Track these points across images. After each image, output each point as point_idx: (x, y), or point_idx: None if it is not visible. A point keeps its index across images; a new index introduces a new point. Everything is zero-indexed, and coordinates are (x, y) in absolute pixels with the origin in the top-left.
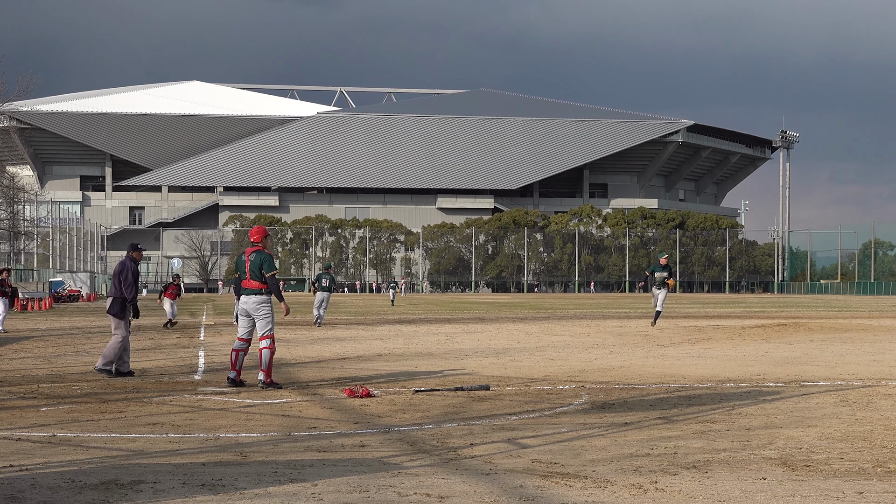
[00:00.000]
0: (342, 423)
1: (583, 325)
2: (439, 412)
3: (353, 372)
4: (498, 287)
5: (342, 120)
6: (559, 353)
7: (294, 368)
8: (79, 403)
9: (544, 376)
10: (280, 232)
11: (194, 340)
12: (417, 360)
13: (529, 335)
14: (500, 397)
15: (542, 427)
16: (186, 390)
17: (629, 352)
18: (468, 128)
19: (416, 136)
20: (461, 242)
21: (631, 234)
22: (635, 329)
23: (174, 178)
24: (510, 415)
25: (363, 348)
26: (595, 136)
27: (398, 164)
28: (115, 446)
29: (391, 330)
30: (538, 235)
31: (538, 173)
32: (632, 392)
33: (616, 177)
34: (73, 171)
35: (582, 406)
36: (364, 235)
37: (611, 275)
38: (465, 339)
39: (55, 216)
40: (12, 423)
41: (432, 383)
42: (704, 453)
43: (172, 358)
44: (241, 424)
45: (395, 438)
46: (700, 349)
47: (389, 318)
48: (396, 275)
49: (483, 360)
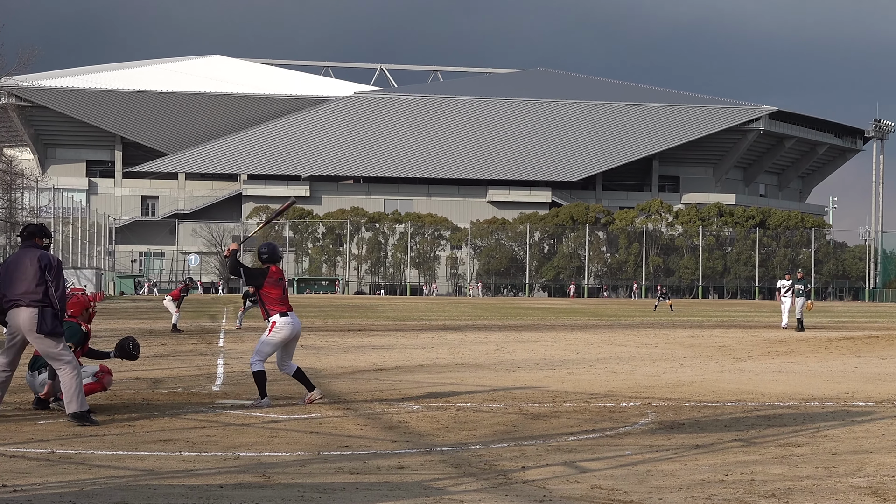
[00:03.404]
0: (378, 442)
1: (650, 335)
2: (488, 430)
3: (391, 384)
4: (555, 291)
5: (382, 101)
6: (623, 365)
7: (325, 380)
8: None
9: (606, 392)
10: (311, 226)
11: (213, 347)
12: (463, 372)
13: (590, 345)
14: (556, 415)
15: (604, 449)
16: (203, 403)
17: (702, 365)
18: (523, 111)
19: (465, 120)
20: (514, 240)
21: (705, 232)
22: (708, 340)
23: (192, 165)
24: (567, 435)
25: (403, 358)
26: (666, 122)
27: (444, 151)
28: (123, 465)
29: (434, 337)
30: (600, 233)
31: (601, 164)
32: (704, 411)
33: (689, 169)
34: (78, 154)
35: (648, 426)
36: (405, 231)
37: (682, 279)
38: (518, 348)
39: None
40: (6, 437)
41: (480, 399)
42: (785, 480)
43: (188, 366)
44: (265, 442)
45: (437, 460)
46: (781, 363)
47: (432, 324)
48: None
49: (537, 373)
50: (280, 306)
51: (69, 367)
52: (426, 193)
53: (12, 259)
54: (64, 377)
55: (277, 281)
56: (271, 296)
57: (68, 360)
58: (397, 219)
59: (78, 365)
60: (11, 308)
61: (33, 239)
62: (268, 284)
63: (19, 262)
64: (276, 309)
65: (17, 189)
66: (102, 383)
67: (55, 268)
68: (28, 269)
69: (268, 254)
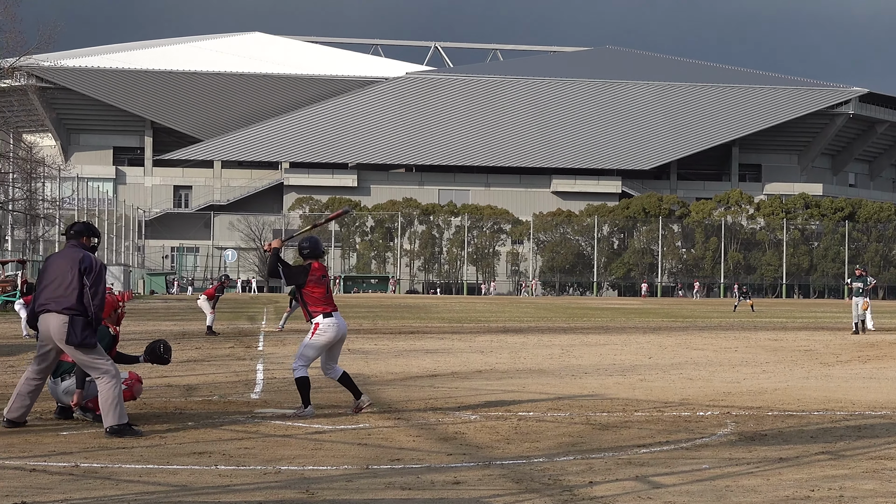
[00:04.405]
0: (432, 455)
1: (729, 338)
2: (552, 442)
3: (446, 391)
4: (625, 289)
5: (436, 82)
6: (700, 371)
7: (375, 387)
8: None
9: (681, 400)
10: (358, 219)
11: (252, 350)
12: (525, 379)
13: (663, 349)
14: (627, 425)
15: (679, 462)
16: (241, 412)
17: (786, 371)
18: (591, 94)
19: (527, 103)
20: (580, 234)
21: (789, 226)
22: (793, 343)
23: (229, 152)
24: (639, 447)
25: (459, 363)
26: (747, 106)
27: (504, 137)
28: (153, 480)
29: (493, 340)
30: (675, 227)
31: (676, 151)
32: (788, 421)
33: (772, 156)
34: (104, 141)
35: (727, 437)
36: (462, 224)
37: (764, 276)
38: (585, 353)
39: (82, 196)
40: (26, 449)
41: (543, 408)
42: (877, 497)
43: (225, 372)
44: (308, 455)
45: (496, 474)
46: (872, 369)
47: (491, 326)
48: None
49: (606, 380)
50: (324, 306)
51: (107, 376)
52: (484, 183)
53: (51, 259)
54: (101, 387)
55: (321, 278)
56: (314, 295)
57: (106, 369)
58: (453, 211)
59: (118, 373)
60: (42, 313)
61: (80, 238)
62: (310, 283)
63: (57, 264)
64: (319, 309)
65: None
66: (132, 391)
67: (96, 272)
68: (65, 271)
69: (310, 248)
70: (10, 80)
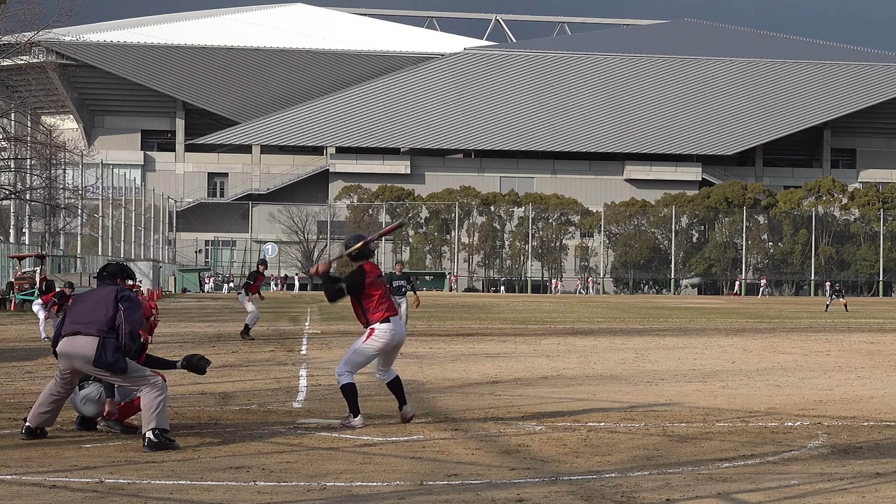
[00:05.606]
0: (493, 469)
1: (820, 341)
2: (625, 456)
3: (509, 400)
4: (706, 287)
5: (497, 58)
6: (788, 377)
7: (430, 395)
8: (135, 439)
9: (768, 409)
10: (412, 209)
11: (294, 355)
12: (596, 386)
13: (748, 353)
14: (708, 437)
15: (765, 478)
16: (282, 422)
17: (883, 377)
18: (667, 71)
19: (598, 82)
20: (657, 226)
21: (887, 217)
22: (891, 346)
23: (269, 136)
24: (721, 461)
25: (523, 368)
26: (840, 85)
27: (572, 119)
28: (186, 497)
29: (561, 344)
30: (760, 218)
31: (762, 135)
32: (886, 432)
33: (868, 140)
34: (131, 123)
35: (819, 450)
36: (525, 215)
37: (859, 272)
38: (661, 357)
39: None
40: (46, 464)
41: (615, 418)
42: None
43: (265, 378)
44: (357, 470)
45: (564, 490)
46: None
47: (558, 327)
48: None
49: (685, 387)
50: (383, 311)
51: (150, 387)
52: (551, 170)
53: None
54: (145, 395)
55: (377, 279)
56: (373, 297)
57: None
58: (516, 200)
59: (163, 384)
60: (69, 335)
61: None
62: (368, 286)
63: (91, 294)
64: (378, 315)
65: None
66: None
67: (132, 300)
68: (99, 300)
69: (358, 251)
70: (28, 57)
